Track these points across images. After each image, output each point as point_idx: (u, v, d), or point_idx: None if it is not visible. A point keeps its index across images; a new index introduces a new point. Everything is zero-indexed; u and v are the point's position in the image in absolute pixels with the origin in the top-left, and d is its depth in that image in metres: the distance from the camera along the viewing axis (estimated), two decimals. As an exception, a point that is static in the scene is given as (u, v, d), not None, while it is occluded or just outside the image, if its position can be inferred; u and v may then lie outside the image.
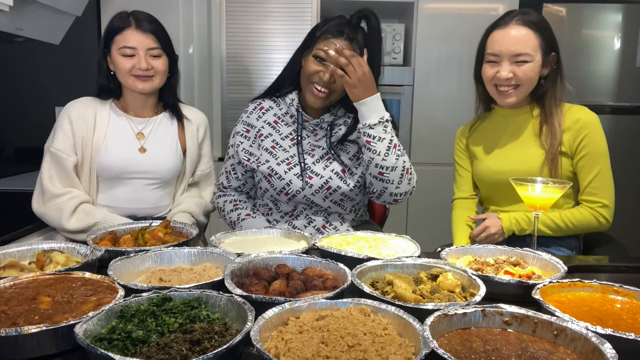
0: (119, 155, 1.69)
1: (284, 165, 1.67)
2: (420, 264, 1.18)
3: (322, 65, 1.58)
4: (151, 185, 1.75)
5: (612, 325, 0.93)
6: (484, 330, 0.90)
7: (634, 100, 3.28)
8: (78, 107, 1.70)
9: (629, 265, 1.36)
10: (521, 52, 1.58)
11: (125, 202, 1.72)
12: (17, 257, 1.21)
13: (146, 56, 1.66)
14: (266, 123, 1.75)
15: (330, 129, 1.72)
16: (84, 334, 0.80)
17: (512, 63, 1.60)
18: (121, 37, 1.65)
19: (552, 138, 1.62)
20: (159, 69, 1.69)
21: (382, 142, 1.53)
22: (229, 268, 1.08)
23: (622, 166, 3.35)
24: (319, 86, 1.60)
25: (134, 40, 1.64)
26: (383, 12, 3.58)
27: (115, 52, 1.66)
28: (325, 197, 1.67)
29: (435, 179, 3.09)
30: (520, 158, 1.67)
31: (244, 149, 1.75)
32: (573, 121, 1.63)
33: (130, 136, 1.73)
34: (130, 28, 1.65)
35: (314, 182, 1.66)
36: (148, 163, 1.72)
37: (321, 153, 1.70)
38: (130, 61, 1.65)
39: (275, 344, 0.80)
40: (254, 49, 3.25)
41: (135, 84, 1.68)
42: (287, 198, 1.68)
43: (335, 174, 1.67)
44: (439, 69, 3.29)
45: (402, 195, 1.62)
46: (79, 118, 1.68)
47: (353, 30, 1.60)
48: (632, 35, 3.23)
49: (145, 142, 1.74)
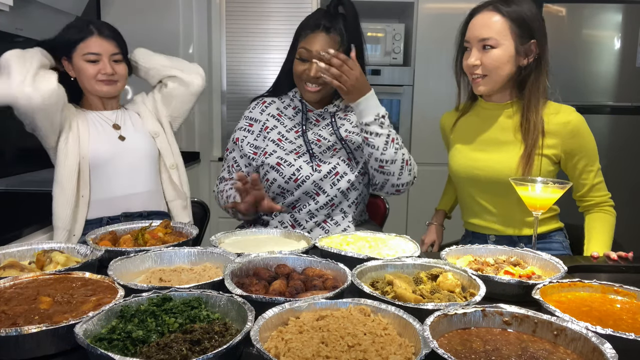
0: (105, 148, 1.76)
1: (292, 155, 1.71)
2: (420, 264, 1.18)
3: (306, 63, 1.66)
4: (141, 172, 1.81)
5: (612, 325, 0.93)
6: (484, 330, 0.90)
7: (634, 100, 3.28)
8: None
9: (629, 265, 1.37)
10: (485, 37, 1.53)
11: (120, 193, 1.77)
12: (17, 257, 1.21)
13: (110, 61, 1.75)
14: (270, 116, 1.79)
15: (334, 120, 1.76)
16: (84, 334, 0.80)
17: (479, 50, 1.56)
18: (84, 44, 1.72)
19: (531, 133, 1.56)
20: (122, 73, 1.79)
21: (380, 137, 1.58)
22: (229, 268, 1.08)
23: (622, 166, 3.35)
24: (310, 83, 1.67)
25: (98, 47, 1.73)
26: (383, 12, 3.59)
27: (78, 59, 1.73)
28: (333, 184, 1.69)
29: (435, 179, 3.08)
30: (498, 156, 1.62)
31: (248, 142, 1.77)
32: (561, 124, 1.57)
33: (108, 128, 1.81)
34: (93, 36, 1.72)
35: (322, 168, 1.69)
36: (130, 148, 1.80)
37: (328, 144, 1.74)
38: (95, 67, 1.73)
39: (275, 344, 0.80)
40: (254, 49, 3.25)
41: (101, 87, 1.76)
42: (296, 185, 1.68)
43: (342, 160, 1.72)
44: (439, 69, 3.29)
45: (404, 186, 1.67)
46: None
47: (330, 20, 1.65)
48: (632, 35, 3.23)
49: (122, 131, 1.82)
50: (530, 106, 1.58)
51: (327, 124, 1.76)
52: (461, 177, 1.71)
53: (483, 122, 1.69)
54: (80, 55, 1.72)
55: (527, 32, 1.55)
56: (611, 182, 1.69)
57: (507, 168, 1.59)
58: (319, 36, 1.63)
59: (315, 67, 1.61)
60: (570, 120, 1.58)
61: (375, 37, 3.34)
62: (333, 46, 1.62)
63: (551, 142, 1.58)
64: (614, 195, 1.67)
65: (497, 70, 1.56)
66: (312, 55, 1.63)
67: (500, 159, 1.62)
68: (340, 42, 1.64)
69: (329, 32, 1.63)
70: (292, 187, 1.70)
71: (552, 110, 1.60)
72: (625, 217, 1.68)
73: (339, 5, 1.68)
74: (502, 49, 1.54)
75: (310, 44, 1.63)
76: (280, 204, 1.73)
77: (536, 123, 1.57)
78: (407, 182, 1.66)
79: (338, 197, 1.71)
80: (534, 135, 1.56)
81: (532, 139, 1.56)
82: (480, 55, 1.56)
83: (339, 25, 1.65)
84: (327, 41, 1.63)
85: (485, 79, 1.58)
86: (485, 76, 1.58)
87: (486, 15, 1.56)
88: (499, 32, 1.53)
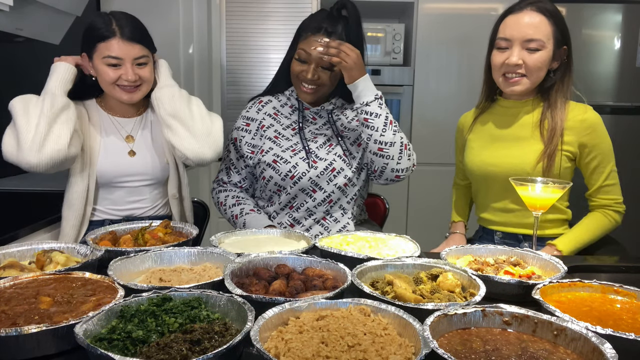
0: (111, 161, 1.66)
1: (288, 152, 1.71)
2: (420, 264, 1.18)
3: (305, 64, 1.66)
4: (146, 187, 1.73)
5: (612, 325, 0.93)
6: (484, 330, 0.90)
7: (634, 100, 3.28)
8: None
9: (629, 265, 1.36)
10: (533, 38, 1.53)
11: (124, 204, 1.71)
12: (17, 257, 1.21)
13: (133, 66, 1.58)
14: (267, 115, 1.79)
15: (331, 118, 1.77)
16: (84, 334, 0.80)
17: (523, 49, 1.55)
18: (105, 45, 1.55)
19: (553, 133, 1.58)
20: (146, 77, 1.62)
21: (379, 117, 1.60)
22: (229, 268, 1.08)
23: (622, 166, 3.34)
24: (306, 84, 1.68)
25: (119, 50, 1.55)
26: (383, 12, 3.59)
27: (98, 60, 1.57)
28: (330, 180, 1.70)
29: (435, 179, 3.09)
30: (516, 151, 1.64)
31: (246, 142, 1.77)
32: (578, 121, 1.59)
33: (119, 140, 1.69)
34: (115, 37, 1.54)
35: (319, 165, 1.69)
36: (138, 165, 1.69)
37: (324, 140, 1.75)
38: (116, 72, 1.57)
39: (275, 344, 0.80)
40: (254, 49, 3.25)
41: (121, 95, 1.61)
42: (293, 182, 1.69)
43: (339, 156, 1.72)
44: (439, 69, 3.29)
45: (404, 172, 1.66)
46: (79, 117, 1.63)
47: (332, 23, 1.65)
48: (632, 35, 3.23)
49: (134, 145, 1.70)
50: (556, 108, 1.60)
51: (324, 123, 1.78)
52: (476, 174, 1.73)
53: (501, 119, 1.71)
54: (100, 57, 1.56)
55: (564, 36, 1.58)
56: (611, 182, 1.69)
57: (525, 164, 1.61)
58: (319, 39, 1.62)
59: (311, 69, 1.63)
60: (587, 117, 1.59)
61: (375, 37, 3.33)
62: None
63: (568, 138, 1.60)
64: (613, 196, 1.66)
65: (538, 72, 1.58)
66: (311, 58, 1.64)
67: (518, 154, 1.63)
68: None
69: (329, 36, 1.62)
70: (288, 184, 1.70)
71: (572, 109, 1.62)
72: (625, 217, 1.68)
73: (342, 8, 1.67)
74: (545, 52, 1.56)
75: (309, 47, 1.63)
76: (277, 203, 1.74)
77: (558, 124, 1.59)
78: (406, 168, 1.65)
79: (336, 193, 1.71)
80: (555, 135, 1.58)
81: (554, 139, 1.58)
82: (523, 55, 1.56)
83: (340, 29, 1.65)
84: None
85: (524, 80, 1.59)
86: (524, 76, 1.58)
87: (529, 15, 1.55)
88: (546, 35, 1.55)
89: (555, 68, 1.61)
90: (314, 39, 1.63)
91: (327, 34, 1.63)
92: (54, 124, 1.48)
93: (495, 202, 1.71)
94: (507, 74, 1.60)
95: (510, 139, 1.67)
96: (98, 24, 1.56)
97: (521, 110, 1.67)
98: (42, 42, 2.34)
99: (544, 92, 1.64)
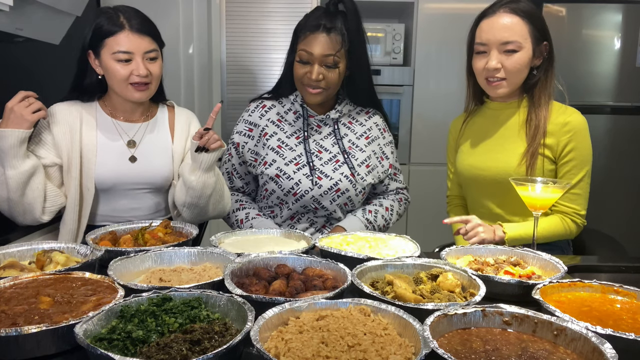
0: (109, 167, 1.59)
1: (292, 166, 1.67)
2: (420, 264, 1.18)
3: (307, 65, 1.61)
4: (147, 194, 1.67)
5: (612, 325, 0.93)
6: (484, 330, 0.90)
7: (634, 100, 3.27)
8: (60, 109, 1.58)
9: (629, 265, 1.37)
10: (509, 40, 1.52)
11: (124, 211, 1.65)
12: (17, 257, 1.21)
13: (143, 61, 1.53)
14: (269, 121, 1.74)
15: (337, 130, 1.73)
16: (84, 334, 0.80)
17: (500, 52, 1.54)
18: (114, 40, 1.49)
19: (536, 131, 1.57)
20: (156, 73, 1.57)
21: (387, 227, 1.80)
22: (229, 268, 1.08)
23: (622, 166, 3.35)
24: (311, 86, 1.62)
25: (129, 44, 1.49)
26: (383, 12, 3.59)
27: (107, 57, 1.51)
28: (333, 200, 1.68)
29: (435, 179, 3.08)
30: (500, 154, 1.62)
31: (249, 149, 1.74)
32: (560, 124, 1.57)
33: (120, 145, 1.62)
34: (124, 31, 1.49)
35: (323, 183, 1.66)
36: (139, 171, 1.62)
37: (329, 156, 1.70)
38: (127, 67, 1.51)
39: (275, 344, 0.80)
40: (254, 49, 3.24)
41: (133, 94, 1.56)
42: (295, 199, 1.67)
43: (345, 177, 1.68)
44: (439, 69, 3.29)
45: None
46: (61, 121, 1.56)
47: (330, 19, 1.59)
48: (632, 35, 3.23)
49: (136, 150, 1.63)
50: (540, 105, 1.58)
51: (330, 133, 1.73)
52: (465, 177, 1.72)
53: (489, 122, 1.70)
54: (109, 53, 1.50)
55: (542, 33, 1.56)
56: (611, 182, 1.69)
57: (508, 166, 1.59)
58: (320, 37, 1.57)
59: (316, 69, 1.58)
60: (569, 121, 1.58)
61: (375, 37, 3.33)
62: (334, 47, 1.58)
63: (549, 141, 1.58)
64: (613, 195, 1.66)
65: (518, 73, 1.57)
66: (313, 58, 1.58)
67: (501, 158, 1.62)
68: (342, 42, 1.59)
69: (329, 33, 1.57)
70: (290, 200, 1.68)
71: (555, 111, 1.60)
72: (625, 217, 1.68)
73: (338, 2, 1.62)
74: (524, 52, 1.54)
75: (310, 46, 1.58)
76: (279, 216, 1.73)
77: (542, 122, 1.57)
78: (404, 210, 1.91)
79: (337, 212, 1.71)
80: (538, 133, 1.57)
81: (537, 137, 1.57)
82: (502, 58, 1.55)
83: (339, 24, 1.59)
84: (327, 42, 1.58)
85: (505, 82, 1.58)
86: (504, 79, 1.57)
87: (503, 17, 1.54)
88: (522, 36, 1.53)
89: (538, 65, 1.59)
90: (314, 38, 1.57)
91: (326, 30, 1.57)
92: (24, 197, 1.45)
93: (487, 206, 1.69)
94: (489, 78, 1.59)
95: (497, 141, 1.66)
96: (105, 21, 1.51)
97: (508, 112, 1.66)
98: (42, 42, 2.34)
99: (528, 90, 1.63)
